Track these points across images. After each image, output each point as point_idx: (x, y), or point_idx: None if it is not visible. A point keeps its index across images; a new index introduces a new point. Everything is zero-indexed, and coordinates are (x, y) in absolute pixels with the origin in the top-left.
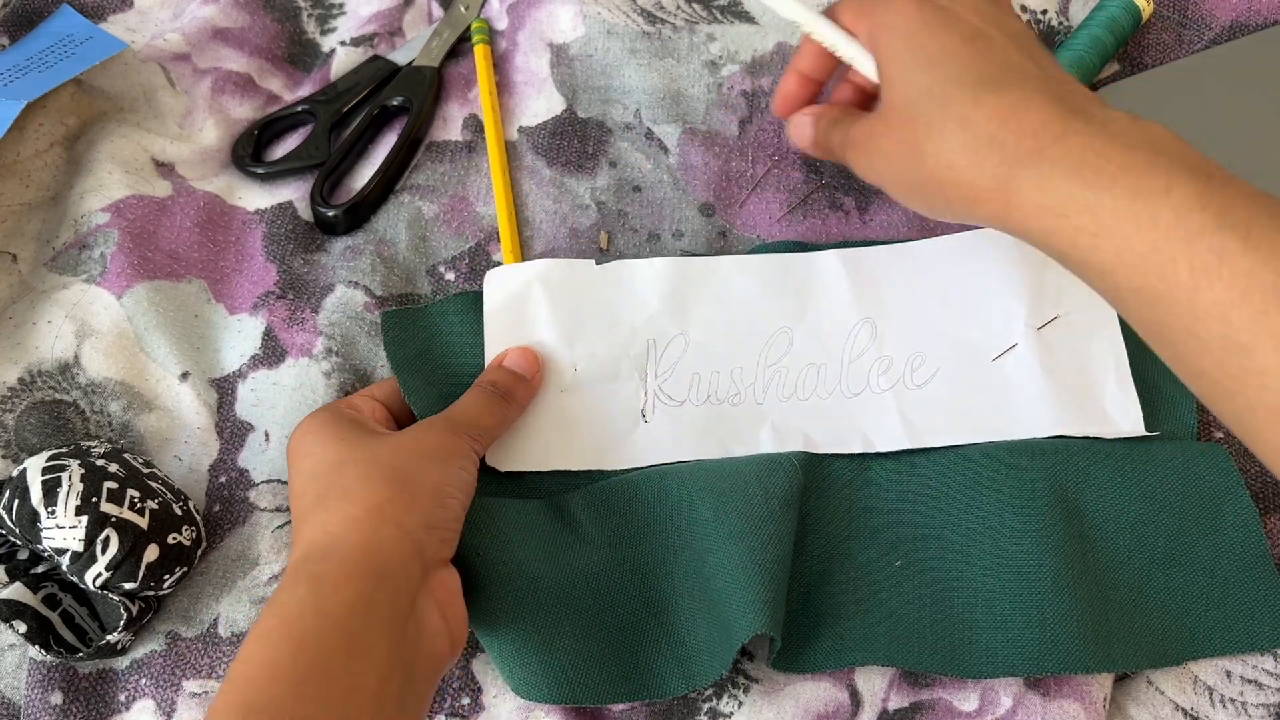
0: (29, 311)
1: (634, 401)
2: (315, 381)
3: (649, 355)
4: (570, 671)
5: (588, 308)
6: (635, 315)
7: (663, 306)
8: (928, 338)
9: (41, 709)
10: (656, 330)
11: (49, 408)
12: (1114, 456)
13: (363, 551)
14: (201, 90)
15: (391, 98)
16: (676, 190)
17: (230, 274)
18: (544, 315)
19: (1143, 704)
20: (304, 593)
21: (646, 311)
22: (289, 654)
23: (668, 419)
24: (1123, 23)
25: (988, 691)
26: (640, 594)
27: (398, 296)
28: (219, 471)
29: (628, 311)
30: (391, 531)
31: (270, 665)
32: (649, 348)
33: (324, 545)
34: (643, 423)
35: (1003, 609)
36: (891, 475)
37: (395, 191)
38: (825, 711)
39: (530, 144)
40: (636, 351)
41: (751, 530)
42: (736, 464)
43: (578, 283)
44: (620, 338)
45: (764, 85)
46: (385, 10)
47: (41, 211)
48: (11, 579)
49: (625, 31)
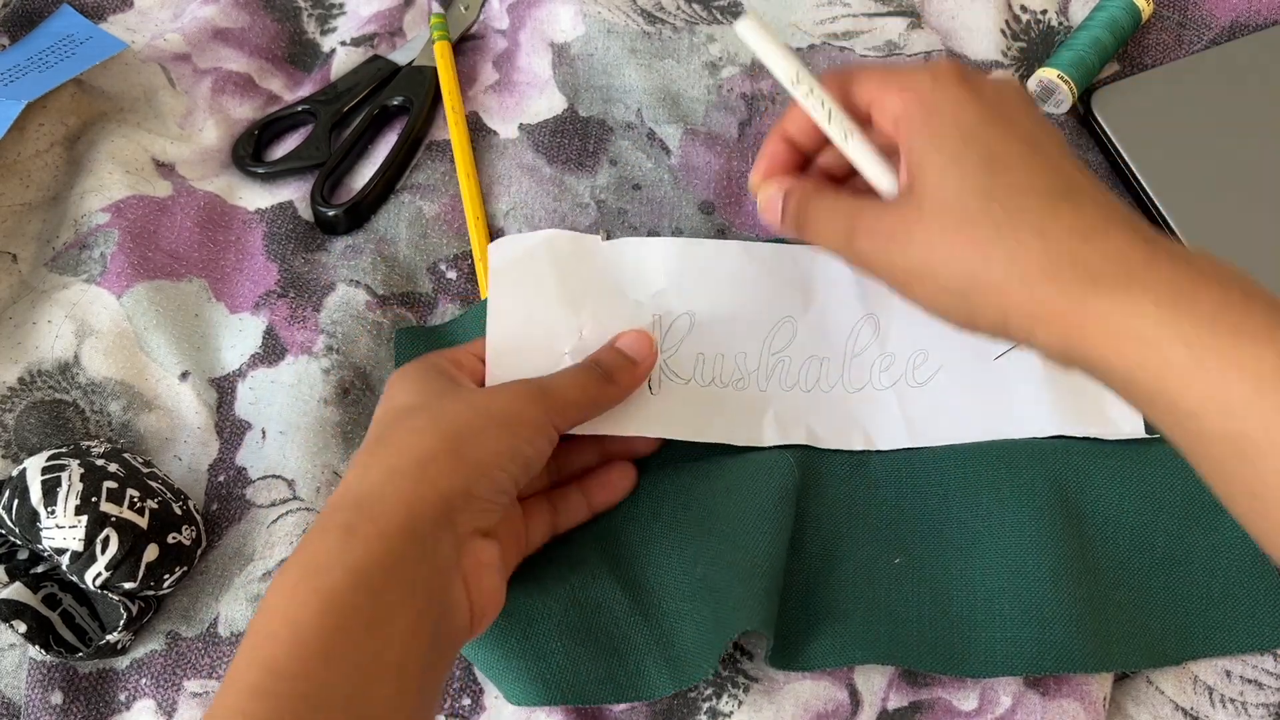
0: (29, 311)
1: None
2: (313, 378)
3: (655, 329)
4: (559, 673)
5: (594, 279)
6: (642, 291)
7: (669, 284)
8: (930, 335)
9: (41, 709)
10: (662, 307)
11: (49, 407)
12: (1114, 457)
13: (397, 507)
14: (202, 90)
15: (391, 98)
16: (677, 189)
17: (231, 273)
18: (550, 281)
19: (1143, 704)
20: (333, 543)
21: (653, 288)
22: (315, 610)
23: (673, 394)
24: (1123, 23)
25: (987, 691)
26: (630, 593)
27: (399, 295)
28: (218, 471)
29: (634, 287)
30: (429, 492)
31: (294, 622)
32: (655, 323)
33: (358, 493)
34: (649, 393)
35: (1002, 608)
36: (891, 473)
37: (396, 191)
38: (825, 710)
39: (531, 142)
40: (643, 324)
41: (745, 530)
42: (732, 463)
43: (585, 255)
44: (626, 310)
45: (763, 88)
46: (385, 10)
47: (41, 211)
48: (11, 579)
49: (625, 31)
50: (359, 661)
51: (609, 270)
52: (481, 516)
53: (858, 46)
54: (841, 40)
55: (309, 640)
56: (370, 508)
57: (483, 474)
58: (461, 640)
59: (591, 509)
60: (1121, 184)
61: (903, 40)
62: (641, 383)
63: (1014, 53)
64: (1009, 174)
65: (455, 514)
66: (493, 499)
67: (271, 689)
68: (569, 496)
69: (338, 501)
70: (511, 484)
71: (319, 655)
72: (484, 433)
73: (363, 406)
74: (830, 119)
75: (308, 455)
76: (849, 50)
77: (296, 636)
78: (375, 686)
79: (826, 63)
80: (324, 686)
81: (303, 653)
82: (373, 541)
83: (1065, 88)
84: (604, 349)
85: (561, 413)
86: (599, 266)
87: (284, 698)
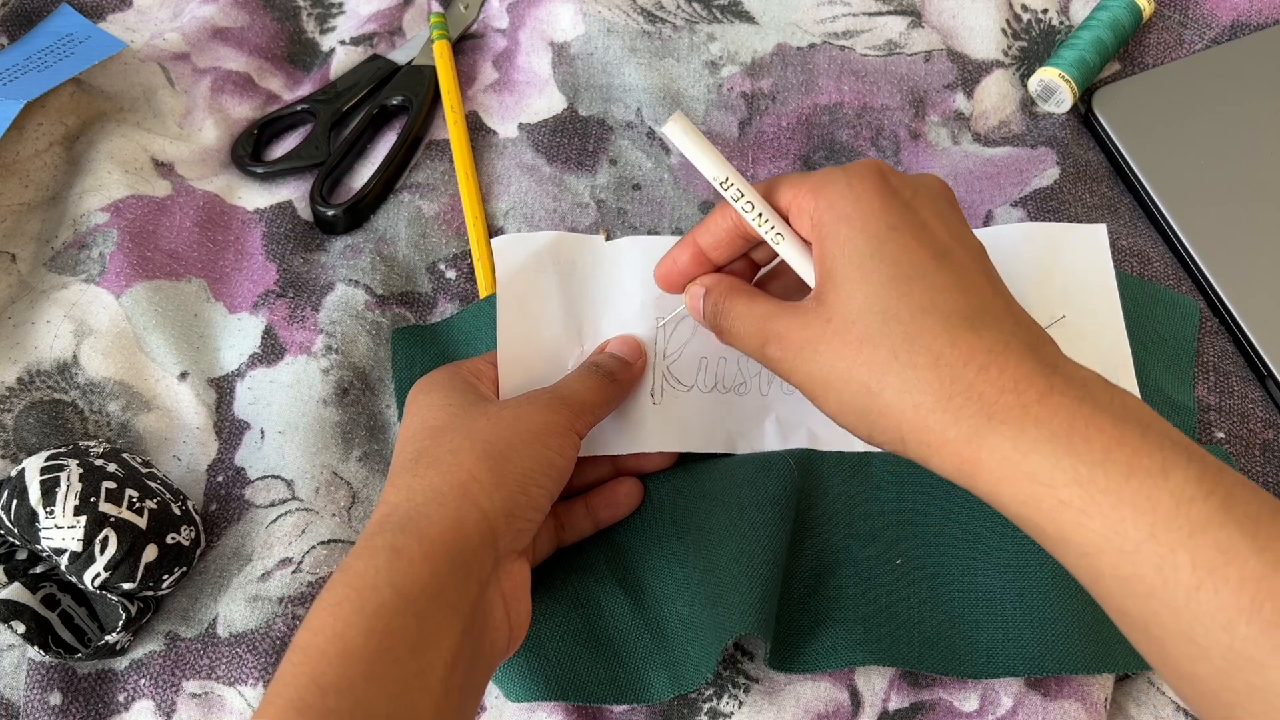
0: (28, 311)
1: (645, 382)
2: (312, 378)
3: (657, 335)
4: (558, 670)
5: (597, 284)
6: (644, 293)
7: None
8: None
9: (41, 709)
10: (665, 310)
11: (47, 407)
12: None
13: (442, 529)
14: (201, 90)
15: (391, 97)
16: (677, 189)
17: (230, 273)
18: (555, 289)
19: (1143, 704)
20: (381, 563)
21: (655, 290)
22: (361, 630)
23: (676, 404)
24: (1124, 22)
25: (988, 692)
26: (632, 597)
27: (398, 294)
28: (217, 471)
29: (636, 289)
30: (473, 514)
31: (340, 639)
32: (658, 327)
33: (404, 514)
34: (651, 404)
35: (1004, 609)
36: (892, 473)
37: (395, 190)
38: (825, 711)
39: (530, 141)
40: (645, 331)
41: (741, 533)
42: (730, 465)
43: (587, 258)
44: (629, 316)
45: (763, 87)
46: (385, 10)
47: (41, 211)
48: (10, 579)
49: (625, 30)
50: (403, 680)
51: (611, 274)
52: (520, 536)
53: (858, 46)
54: (842, 39)
55: (355, 658)
56: (416, 530)
57: (521, 491)
58: (498, 661)
59: (596, 525)
60: (1122, 184)
61: (903, 39)
62: (639, 380)
63: (1014, 52)
64: (912, 293)
65: (498, 535)
66: (531, 517)
67: (317, 705)
68: (574, 511)
69: (382, 522)
70: (547, 500)
71: (364, 674)
72: (519, 449)
73: (362, 406)
74: (762, 220)
75: (306, 455)
76: (849, 49)
77: (343, 654)
78: (418, 706)
79: (827, 62)
80: (368, 704)
81: (348, 670)
82: (418, 564)
83: (1066, 87)
84: (596, 354)
85: (581, 417)
86: (602, 270)
87: (329, 713)
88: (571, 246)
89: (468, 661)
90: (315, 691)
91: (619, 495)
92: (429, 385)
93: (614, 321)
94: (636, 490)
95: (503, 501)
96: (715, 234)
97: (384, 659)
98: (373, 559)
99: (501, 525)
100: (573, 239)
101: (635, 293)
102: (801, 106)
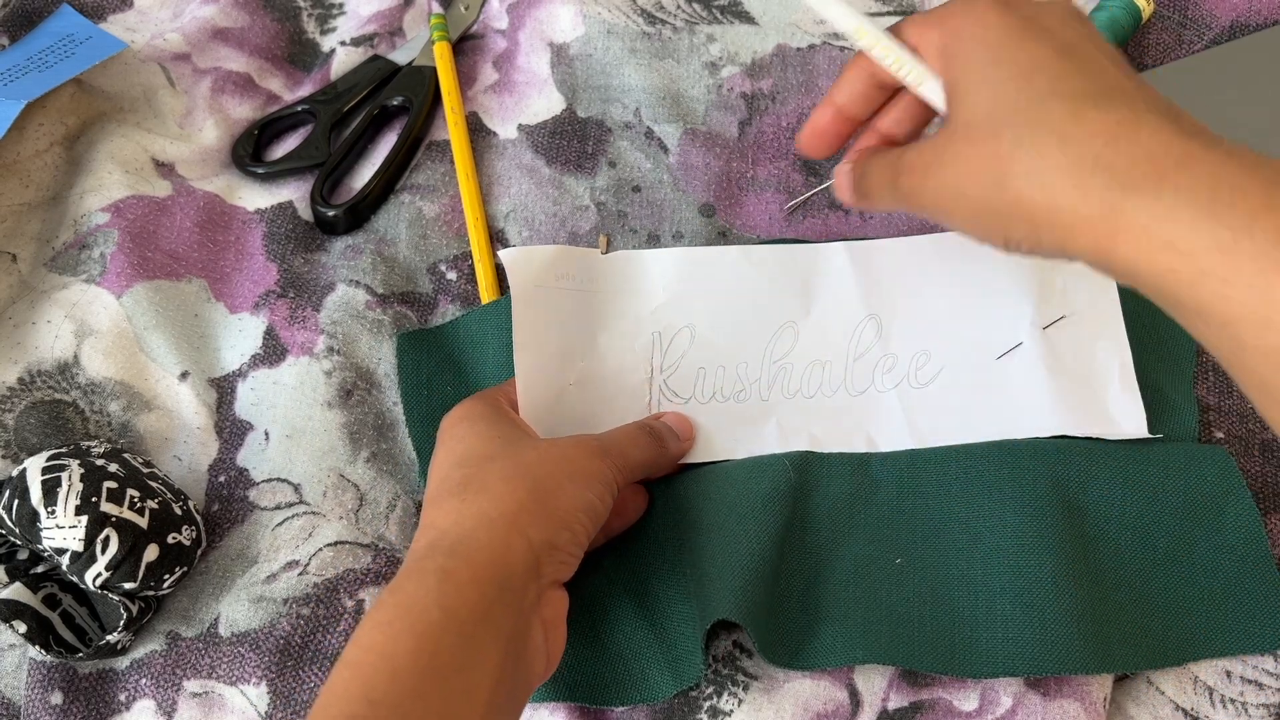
0: (29, 311)
1: (640, 396)
2: (316, 380)
3: (654, 348)
4: (563, 671)
5: (596, 298)
6: (641, 307)
7: (668, 298)
8: (933, 335)
9: (41, 709)
10: (662, 323)
11: (48, 407)
12: (1116, 457)
13: (490, 555)
14: (201, 90)
15: (391, 97)
16: (676, 191)
17: (230, 273)
18: (561, 303)
19: (1143, 704)
20: (431, 584)
21: (653, 303)
22: (410, 648)
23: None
24: (1123, 23)
25: (988, 691)
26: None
27: (399, 295)
28: (218, 471)
29: (634, 303)
30: (520, 542)
31: (390, 657)
32: (654, 340)
33: (454, 538)
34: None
35: (1003, 608)
36: (892, 472)
37: (395, 191)
38: (824, 710)
39: (530, 142)
40: (642, 344)
41: (728, 529)
42: (728, 468)
43: (586, 272)
44: (627, 329)
45: (763, 88)
46: (385, 10)
47: (41, 211)
48: (11, 579)
49: (625, 31)
50: (449, 698)
51: (609, 287)
52: (561, 568)
53: None
54: (842, 40)
55: (404, 675)
56: (465, 554)
57: (565, 525)
58: (536, 685)
59: (607, 534)
60: None
61: None
62: (681, 457)
63: None
64: (1034, 84)
65: (541, 565)
66: (571, 550)
67: (368, 717)
68: None
69: (432, 546)
70: (586, 537)
71: (412, 690)
72: (565, 487)
73: (368, 406)
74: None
75: (313, 459)
76: (849, 50)
77: (392, 671)
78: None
79: (827, 63)
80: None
81: (398, 686)
82: (466, 588)
83: None
84: (651, 419)
85: (623, 471)
86: (599, 285)
87: None
88: (573, 260)
89: (509, 684)
90: (366, 705)
91: (626, 504)
92: (470, 415)
93: (610, 336)
94: (643, 498)
95: (548, 533)
96: (851, 89)
97: (432, 677)
98: (423, 580)
99: (545, 556)
100: (573, 253)
101: (630, 308)
102: (801, 107)
